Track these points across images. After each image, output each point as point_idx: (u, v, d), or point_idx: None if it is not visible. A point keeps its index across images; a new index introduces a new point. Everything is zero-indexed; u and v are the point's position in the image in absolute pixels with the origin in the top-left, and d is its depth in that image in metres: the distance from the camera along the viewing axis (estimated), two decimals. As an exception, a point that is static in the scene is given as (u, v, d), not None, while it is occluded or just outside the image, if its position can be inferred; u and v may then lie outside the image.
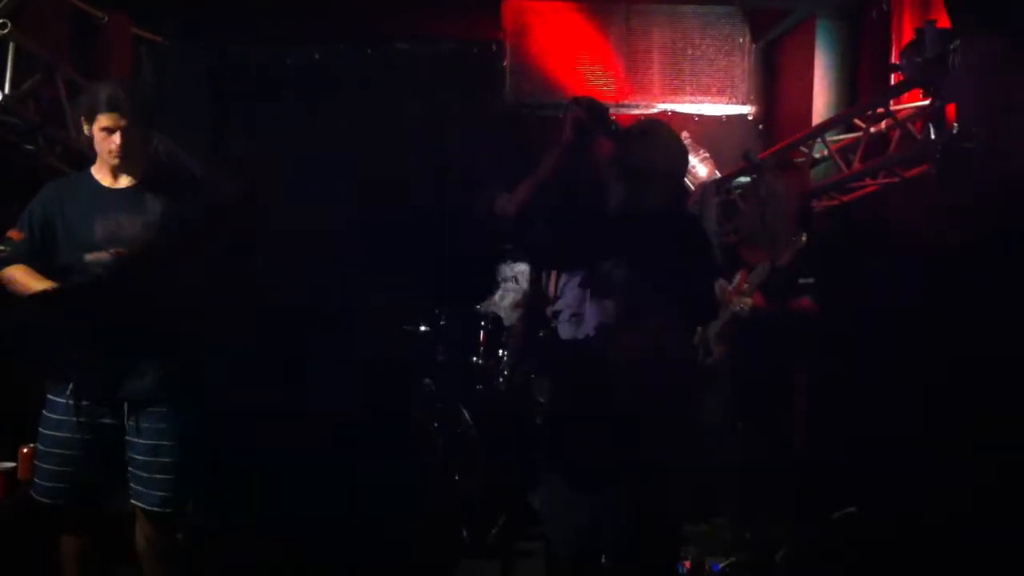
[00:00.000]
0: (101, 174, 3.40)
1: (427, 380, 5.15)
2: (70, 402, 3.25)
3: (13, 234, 3.32)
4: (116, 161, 3.33)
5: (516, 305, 5.67)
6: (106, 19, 5.48)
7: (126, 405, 3.30)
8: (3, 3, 4.15)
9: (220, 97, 6.61)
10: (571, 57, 6.67)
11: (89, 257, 3.28)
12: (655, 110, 6.58)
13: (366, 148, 6.80)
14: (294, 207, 5.90)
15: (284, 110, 6.83)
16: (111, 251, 3.28)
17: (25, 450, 3.99)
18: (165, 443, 3.31)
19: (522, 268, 5.64)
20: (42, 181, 3.57)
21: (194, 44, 6.57)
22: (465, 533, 4.65)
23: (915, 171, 4.93)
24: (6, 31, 4.14)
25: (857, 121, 5.31)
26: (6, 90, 4.24)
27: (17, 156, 4.69)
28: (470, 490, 4.80)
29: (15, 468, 3.94)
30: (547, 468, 3.07)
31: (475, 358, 5.13)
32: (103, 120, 3.28)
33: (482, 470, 4.86)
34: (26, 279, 3.26)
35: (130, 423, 3.30)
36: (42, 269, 3.28)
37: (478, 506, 4.80)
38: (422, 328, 5.20)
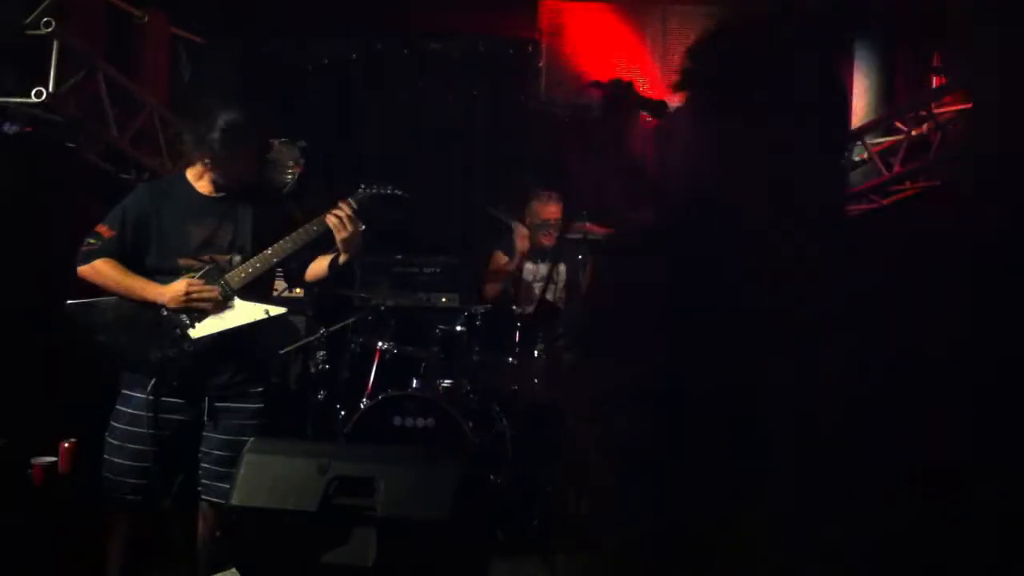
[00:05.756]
0: (198, 181, 3.46)
1: (464, 380, 5.14)
2: (149, 397, 3.29)
3: (102, 229, 3.38)
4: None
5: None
6: (146, 18, 5.52)
7: (207, 399, 3.35)
8: (46, 2, 4.19)
9: (256, 95, 6.65)
10: (607, 57, 6.65)
11: (180, 262, 3.35)
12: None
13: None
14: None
15: (320, 107, 6.87)
16: (204, 257, 3.35)
17: (66, 444, 4.02)
18: (244, 438, 3.35)
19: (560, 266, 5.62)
20: (81, 177, 3.62)
21: (231, 42, 6.60)
22: (499, 532, 4.65)
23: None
24: (50, 29, 4.18)
25: (898, 123, 5.26)
26: (50, 88, 4.28)
27: (58, 153, 4.73)
28: (505, 489, 4.79)
29: (55, 463, 3.97)
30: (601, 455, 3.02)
31: (510, 358, 5.12)
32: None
33: (516, 469, 4.85)
34: (117, 274, 3.31)
35: (208, 418, 3.36)
36: (128, 266, 3.35)
37: (512, 504, 4.80)
38: (458, 328, 5.19)
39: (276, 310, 3.42)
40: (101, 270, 3.33)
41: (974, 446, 2.14)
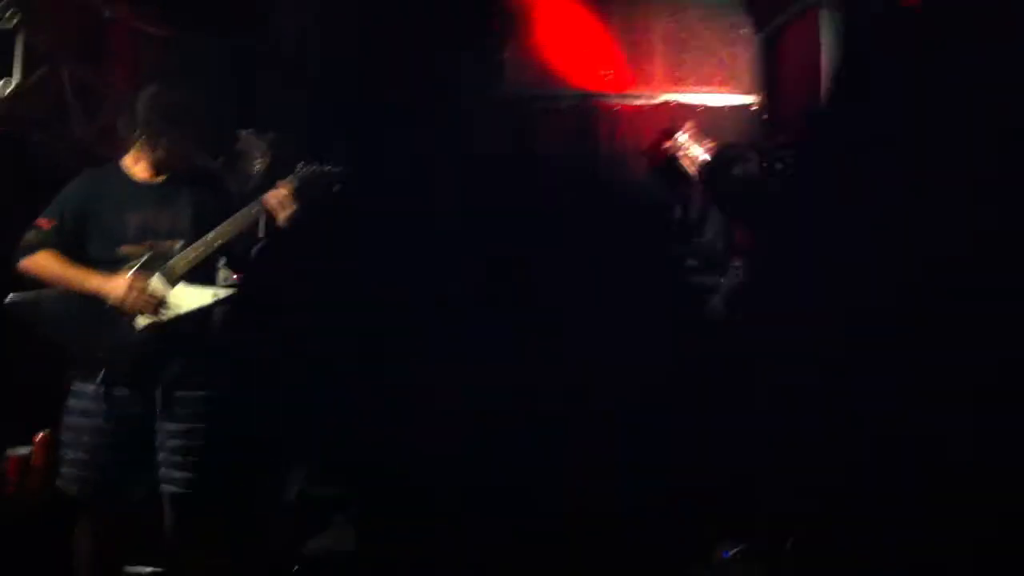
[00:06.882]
0: (134, 168, 3.45)
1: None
2: (100, 390, 3.25)
3: (42, 222, 3.35)
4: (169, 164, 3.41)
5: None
6: (107, 13, 5.49)
7: (159, 390, 3.32)
8: (9, -3, 4.17)
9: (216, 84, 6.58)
10: (572, 48, 6.67)
11: (122, 251, 3.31)
12: (658, 100, 6.58)
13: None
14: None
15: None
16: (144, 244, 3.33)
17: (40, 436, 4.01)
18: (199, 426, 3.33)
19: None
20: (44, 173, 3.60)
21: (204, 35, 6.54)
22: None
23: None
24: (15, 22, 4.16)
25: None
26: (14, 83, 4.26)
27: (22, 148, 4.71)
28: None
29: (30, 454, 3.95)
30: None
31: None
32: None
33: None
34: (58, 266, 3.28)
35: (162, 408, 3.32)
36: (71, 258, 3.31)
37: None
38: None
39: (224, 292, 3.40)
40: (42, 263, 3.29)
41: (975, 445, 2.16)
